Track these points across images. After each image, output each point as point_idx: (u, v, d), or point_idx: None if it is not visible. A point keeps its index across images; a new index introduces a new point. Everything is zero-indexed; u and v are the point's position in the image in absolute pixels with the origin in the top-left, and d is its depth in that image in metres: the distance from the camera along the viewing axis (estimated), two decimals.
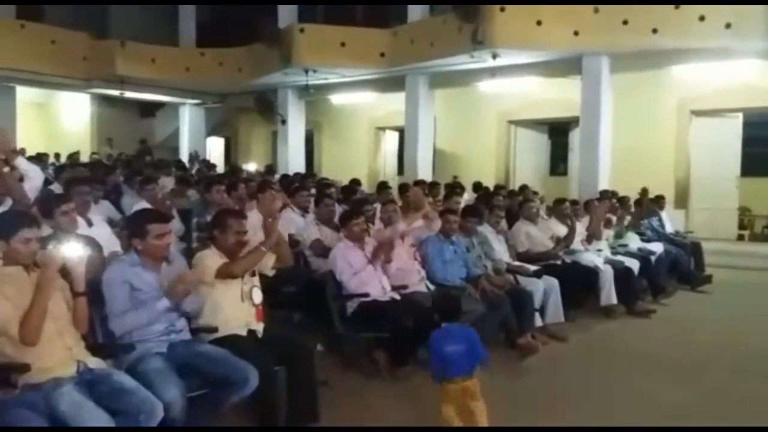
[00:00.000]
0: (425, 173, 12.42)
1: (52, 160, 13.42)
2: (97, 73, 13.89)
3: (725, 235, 11.66)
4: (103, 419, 2.64)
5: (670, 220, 9.92)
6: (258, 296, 3.76)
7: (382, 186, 7.84)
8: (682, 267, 8.47)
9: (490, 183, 11.46)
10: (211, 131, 18.28)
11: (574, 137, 13.74)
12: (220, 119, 18.25)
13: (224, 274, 3.62)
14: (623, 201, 8.65)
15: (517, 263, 6.04)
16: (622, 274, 6.85)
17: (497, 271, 5.72)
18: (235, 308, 3.67)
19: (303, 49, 12.13)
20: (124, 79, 13.89)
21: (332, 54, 12.12)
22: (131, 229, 3.48)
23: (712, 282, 8.57)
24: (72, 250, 2.92)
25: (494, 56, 10.65)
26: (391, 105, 14.29)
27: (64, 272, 3.01)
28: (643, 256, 7.67)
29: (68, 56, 13.51)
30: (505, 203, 7.32)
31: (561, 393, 4.57)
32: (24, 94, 15.41)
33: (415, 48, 11.57)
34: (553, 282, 5.87)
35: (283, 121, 14.68)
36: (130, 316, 3.25)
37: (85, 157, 14.11)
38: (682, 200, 12.14)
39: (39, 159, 9.46)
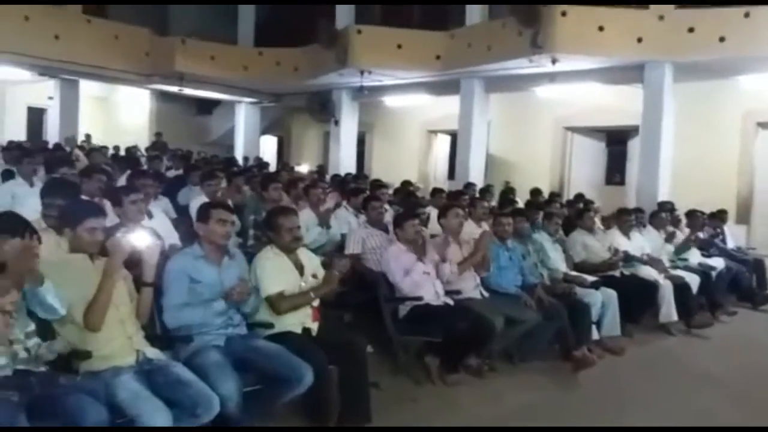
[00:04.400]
0: (477, 178, 12.26)
1: (111, 152, 13.77)
2: (158, 68, 14.20)
3: None
4: (161, 410, 2.65)
5: (732, 235, 9.55)
6: (316, 300, 3.74)
7: (437, 191, 7.76)
8: (743, 284, 8.11)
9: (544, 190, 11.25)
10: (265, 130, 18.49)
11: (633, 146, 13.42)
12: (274, 118, 18.45)
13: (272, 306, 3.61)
14: (691, 215, 8.35)
15: (574, 273, 5.87)
16: (681, 289, 6.60)
17: (554, 280, 5.59)
18: None
19: (359, 50, 12.15)
20: (183, 76, 14.16)
21: (388, 56, 12.10)
22: (197, 215, 3.51)
23: None
24: (141, 240, 2.96)
25: (554, 61, 10.44)
26: (445, 108, 14.16)
27: (128, 262, 3.05)
28: (703, 271, 7.39)
29: (130, 51, 13.85)
30: (561, 211, 7.14)
31: (615, 408, 4.40)
32: (87, 88, 15.89)
33: (472, 51, 11.45)
34: (612, 294, 5.70)
35: (336, 122, 14.74)
36: (186, 311, 3.27)
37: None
38: (744, 215, 11.68)
39: (98, 152, 9.70)
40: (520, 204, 8.16)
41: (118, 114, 19.29)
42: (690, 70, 10.27)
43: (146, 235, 3.01)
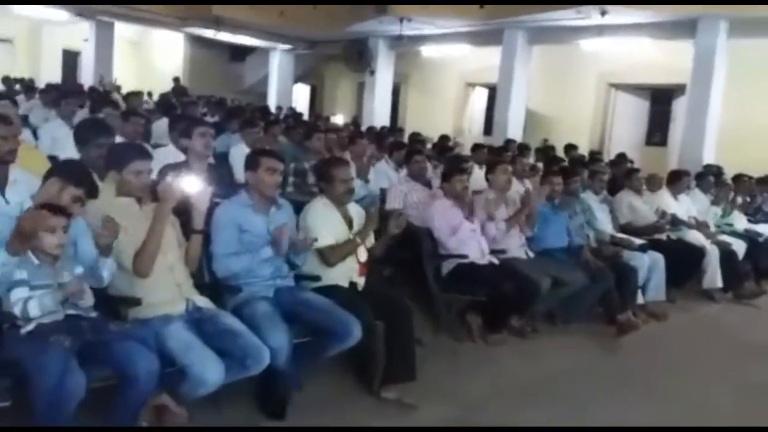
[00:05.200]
0: (515, 134, 11.99)
1: (145, 98, 13.72)
2: (194, 12, 13.98)
3: None
4: (212, 360, 2.61)
5: None
6: (363, 255, 3.65)
7: (478, 147, 7.57)
8: None
9: (583, 148, 10.95)
10: (298, 79, 18.27)
11: (678, 106, 12.99)
12: (307, 67, 18.20)
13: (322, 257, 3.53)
14: (738, 179, 8.05)
15: (620, 235, 5.70)
16: (727, 255, 6.39)
17: (600, 242, 5.43)
18: None
19: None
20: (219, 20, 13.94)
21: (429, 3, 11.72)
22: (246, 163, 3.42)
23: None
24: (192, 185, 2.88)
25: (603, 13, 10.04)
26: (483, 60, 13.78)
27: (177, 208, 2.99)
28: (749, 237, 7.15)
29: None
30: (607, 170, 6.91)
31: (659, 375, 4.31)
32: (121, 31, 15.77)
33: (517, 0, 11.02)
34: (659, 258, 5.52)
35: (372, 72, 14.47)
36: (235, 259, 3.21)
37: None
38: None
39: (135, 96, 9.60)
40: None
41: (152, 58, 19.20)
42: (746, 27, 9.78)
43: (197, 180, 2.93)
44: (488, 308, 4.36)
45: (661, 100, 13.50)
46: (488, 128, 15.28)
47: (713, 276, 6.25)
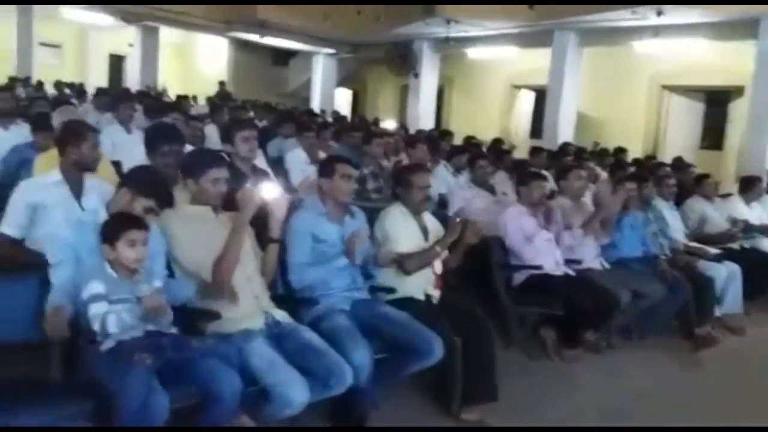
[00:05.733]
0: (566, 137, 11.67)
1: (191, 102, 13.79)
2: (239, 16, 14.02)
3: None
4: (298, 380, 2.47)
5: None
6: (438, 266, 3.48)
7: (537, 150, 7.34)
8: None
9: (635, 152, 10.61)
10: (340, 83, 18.21)
11: (734, 108, 12.54)
12: (349, 71, 18.12)
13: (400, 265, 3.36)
14: None
15: (695, 244, 5.42)
16: None
17: (674, 251, 5.16)
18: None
19: None
20: (264, 24, 13.94)
21: (478, 4, 11.50)
22: (320, 169, 3.29)
23: None
24: (270, 192, 2.75)
25: (659, 13, 9.72)
26: (530, 62, 13.52)
27: (254, 216, 2.86)
28: None
29: None
30: (674, 175, 6.61)
31: (742, 393, 4.05)
32: (165, 35, 15.91)
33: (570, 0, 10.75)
34: (735, 268, 5.22)
35: (416, 75, 14.32)
36: (310, 270, 3.07)
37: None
38: None
39: (185, 100, 9.60)
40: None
41: (195, 63, 19.37)
42: None
43: (275, 187, 2.79)
44: (564, 322, 4.14)
45: (716, 102, 13.04)
46: (535, 131, 15.03)
47: None
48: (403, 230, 3.39)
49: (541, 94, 14.67)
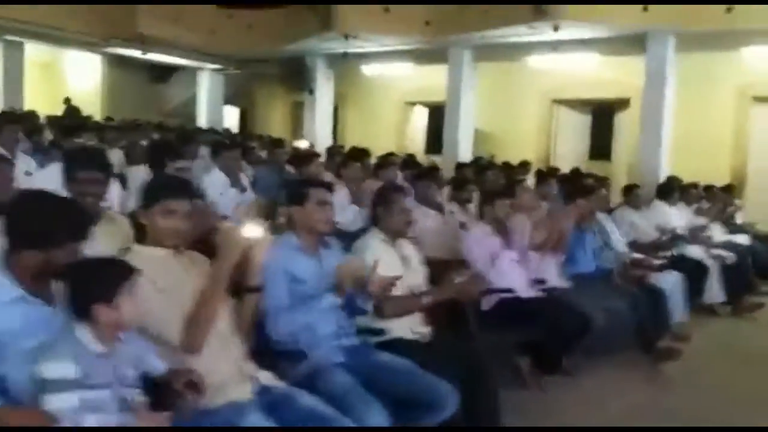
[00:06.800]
0: (466, 152, 11.75)
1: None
2: (117, 30, 12.90)
3: None
4: None
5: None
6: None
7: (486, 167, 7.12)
8: (763, 262, 7.88)
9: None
10: (226, 100, 17.35)
11: (620, 120, 13.16)
12: (236, 88, 17.32)
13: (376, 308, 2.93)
14: (709, 190, 8.03)
15: (638, 255, 5.38)
16: (727, 269, 6.25)
17: (622, 263, 5.08)
18: None
19: (345, 13, 11.29)
20: (144, 39, 12.93)
21: (375, 20, 11.26)
22: (290, 195, 2.81)
23: None
24: (251, 232, 2.23)
25: (555, 28, 9.94)
26: (424, 78, 13.55)
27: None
28: (735, 248, 7.07)
29: (87, 11, 12.46)
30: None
31: (724, 402, 4.01)
32: (28, 52, 14.38)
33: (466, 17, 10.77)
34: (678, 277, 5.25)
35: (311, 91, 13.86)
36: (291, 316, 2.57)
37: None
38: (738, 191, 11.55)
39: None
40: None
41: (65, 82, 17.73)
42: (693, 41, 9.98)
43: (256, 225, 2.28)
44: (541, 348, 3.88)
45: (602, 114, 13.63)
46: (430, 147, 15.05)
47: (716, 290, 6.10)
48: (384, 263, 2.96)
49: (434, 110, 14.74)
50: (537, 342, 3.84)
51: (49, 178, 3.43)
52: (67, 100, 14.81)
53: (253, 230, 2.24)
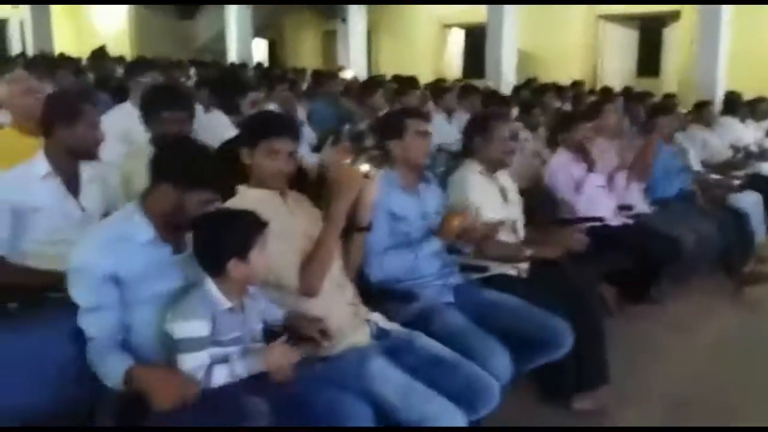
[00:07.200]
0: (509, 75, 11.31)
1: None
2: None
3: None
4: (449, 410, 1.87)
5: None
6: (522, 230, 2.93)
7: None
8: None
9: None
10: (254, 33, 16.91)
11: (669, 35, 12.54)
12: (263, 19, 16.84)
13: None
14: None
15: (716, 176, 5.12)
16: None
17: (703, 184, 4.83)
18: None
19: None
20: None
21: None
22: (385, 128, 2.61)
23: None
24: (365, 167, 2.08)
25: None
26: None
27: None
28: None
29: None
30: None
31: None
32: None
33: None
34: (757, 197, 4.97)
35: (343, 19, 13.43)
36: (395, 257, 2.44)
37: None
38: None
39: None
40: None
41: (91, 21, 17.44)
42: None
43: (366, 162, 2.12)
44: (629, 277, 3.72)
45: (650, 29, 12.98)
46: (468, 71, 14.57)
47: None
48: (485, 196, 2.79)
49: (471, 32, 14.19)
50: (624, 270, 3.67)
51: (121, 120, 3.29)
52: (101, 49, 14.59)
53: (366, 167, 2.09)
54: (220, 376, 1.66)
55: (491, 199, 2.82)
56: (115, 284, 1.72)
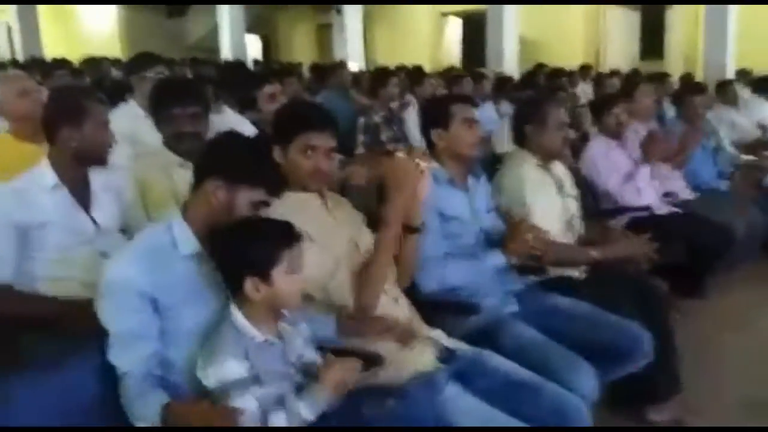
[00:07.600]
0: (511, 62, 11.04)
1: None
2: None
3: None
4: None
5: None
6: (580, 226, 2.68)
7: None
8: None
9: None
10: (247, 29, 16.57)
11: (672, 15, 12.28)
12: (255, 16, 16.49)
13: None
14: None
15: (748, 157, 4.87)
16: None
17: (738, 166, 4.59)
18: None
19: None
20: None
21: None
22: (430, 116, 2.33)
23: None
24: (423, 162, 1.81)
25: None
26: None
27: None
28: None
29: None
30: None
31: None
32: None
33: None
34: None
35: (338, 10, 13.13)
36: (457, 264, 2.16)
37: None
38: None
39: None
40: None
41: (81, 25, 17.06)
42: None
43: (421, 155, 1.85)
44: (680, 270, 3.45)
45: (652, 11, 12.72)
46: (468, 60, 14.27)
47: None
48: (541, 192, 2.51)
49: (468, 20, 13.91)
50: (674, 263, 3.40)
51: (125, 120, 2.99)
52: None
53: (424, 161, 1.82)
54: (281, 420, 1.38)
55: (548, 194, 2.55)
56: (154, 309, 1.46)
